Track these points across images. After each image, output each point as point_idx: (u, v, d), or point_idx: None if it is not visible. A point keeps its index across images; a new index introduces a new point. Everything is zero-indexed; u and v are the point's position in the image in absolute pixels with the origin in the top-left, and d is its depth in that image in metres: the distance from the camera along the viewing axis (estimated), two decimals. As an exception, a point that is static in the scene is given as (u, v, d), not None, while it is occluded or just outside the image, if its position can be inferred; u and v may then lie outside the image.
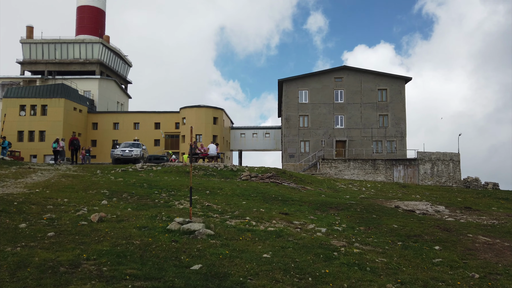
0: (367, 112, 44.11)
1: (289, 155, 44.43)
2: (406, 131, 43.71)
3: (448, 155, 38.80)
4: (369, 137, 43.78)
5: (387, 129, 43.72)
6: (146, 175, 15.59)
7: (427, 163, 38.39)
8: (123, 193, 10.44)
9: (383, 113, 44.04)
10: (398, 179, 38.14)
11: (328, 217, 9.49)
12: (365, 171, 38.44)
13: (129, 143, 25.52)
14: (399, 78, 44.51)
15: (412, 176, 38.24)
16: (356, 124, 43.99)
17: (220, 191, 12.10)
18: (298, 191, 13.97)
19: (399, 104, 44.01)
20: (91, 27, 63.37)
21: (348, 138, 43.78)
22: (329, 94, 44.58)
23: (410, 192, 18.20)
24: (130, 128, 54.60)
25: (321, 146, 43.71)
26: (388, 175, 38.27)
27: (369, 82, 44.46)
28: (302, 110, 44.62)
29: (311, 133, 44.30)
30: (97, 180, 12.89)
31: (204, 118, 52.08)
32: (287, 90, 45.03)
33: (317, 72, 45.54)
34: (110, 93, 62.03)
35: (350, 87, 44.50)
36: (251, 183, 14.54)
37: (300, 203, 11.20)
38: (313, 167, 41.49)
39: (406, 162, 38.58)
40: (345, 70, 44.89)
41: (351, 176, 37.97)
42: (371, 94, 44.26)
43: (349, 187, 18.31)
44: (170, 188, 11.85)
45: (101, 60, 60.25)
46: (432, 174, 38.21)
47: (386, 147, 43.45)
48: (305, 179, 18.16)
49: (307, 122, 44.52)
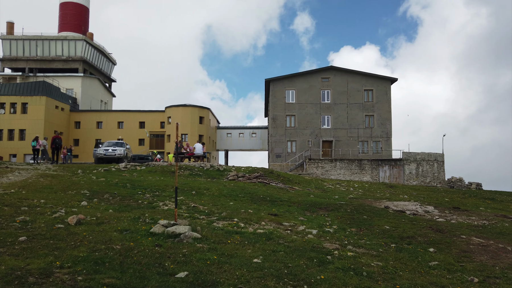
0: (353, 113, 44.22)
1: (276, 155, 44.21)
2: (391, 131, 43.98)
3: (433, 155, 39.16)
4: (355, 137, 43.89)
5: (373, 129, 43.90)
6: (129, 175, 15.07)
7: (412, 163, 38.66)
8: (105, 193, 9.95)
9: (369, 114, 44.21)
10: (384, 179, 38.30)
11: (318, 218, 9.21)
12: (351, 171, 38.49)
13: (113, 142, 24.84)
14: (385, 79, 44.76)
15: (397, 176, 38.46)
16: (343, 124, 44.06)
17: (207, 191, 11.70)
18: (287, 192, 13.67)
19: (385, 105, 44.24)
20: (74, 24, 61.95)
21: (335, 138, 43.80)
22: (316, 94, 44.53)
23: (398, 192, 18.12)
24: (114, 127, 53.57)
25: (307, 146, 43.62)
26: (374, 175, 38.40)
27: (355, 83, 44.58)
28: (289, 110, 44.46)
29: (298, 133, 44.16)
30: (78, 180, 12.34)
31: (190, 118, 51.46)
32: (274, 90, 44.80)
33: (304, 72, 45.46)
34: (93, 91, 60.77)
35: (336, 87, 44.54)
36: (238, 183, 14.17)
37: (289, 204, 10.90)
38: (299, 167, 41.35)
39: (392, 163, 38.78)
40: (332, 70, 44.92)
41: (337, 176, 37.96)
42: (357, 95, 44.39)
43: (337, 187, 18.12)
44: (154, 189, 11.40)
45: (85, 57, 58.96)
46: (417, 174, 38.50)
47: (372, 147, 43.63)
48: (293, 179, 17.89)
49: (294, 122, 44.38)
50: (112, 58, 69.13)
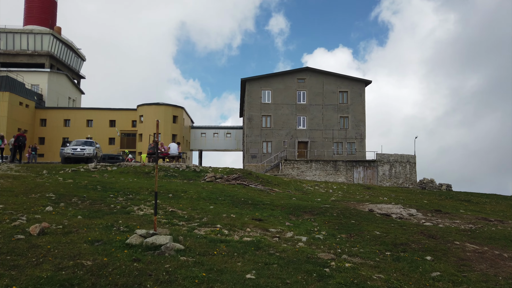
0: (328, 114, 44.37)
1: (251, 156, 43.71)
2: (365, 133, 44.45)
3: (405, 157, 39.82)
4: (330, 138, 44.06)
5: (348, 131, 44.21)
6: (100, 176, 14.10)
7: (385, 165, 39.15)
8: (73, 197, 9.08)
9: (343, 115, 44.49)
10: (358, 180, 38.59)
11: (305, 223, 8.74)
12: (327, 172, 38.54)
13: (81, 141, 23.55)
14: (359, 81, 45.17)
15: (371, 177, 38.84)
16: (318, 125, 44.12)
17: (184, 194, 11.00)
18: (267, 194, 13.15)
19: (359, 107, 44.66)
20: (40, 18, 59.12)
21: (310, 139, 43.80)
22: (291, 95, 44.38)
23: (376, 194, 18.01)
24: (82, 125, 51.45)
25: (283, 147, 43.39)
26: (348, 176, 38.60)
27: (330, 84, 44.75)
28: (265, 110, 44.08)
29: (273, 134, 43.85)
30: (43, 181, 11.33)
31: (163, 117, 50.15)
32: (250, 90, 44.30)
33: (280, 72, 45.22)
34: (60, 87, 58.19)
35: (312, 88, 44.57)
36: (217, 185, 13.53)
37: (272, 207, 10.38)
38: (275, 168, 41.04)
39: (366, 164, 39.12)
40: (307, 71, 44.91)
41: (313, 177, 37.91)
42: (332, 96, 44.58)
43: (316, 189, 17.81)
44: (127, 191, 10.59)
45: (52, 52, 56.37)
46: (390, 175, 39.02)
47: (347, 148, 43.92)
48: (272, 181, 17.42)
49: (270, 123, 44.04)
50: (81, 54, 66.56)
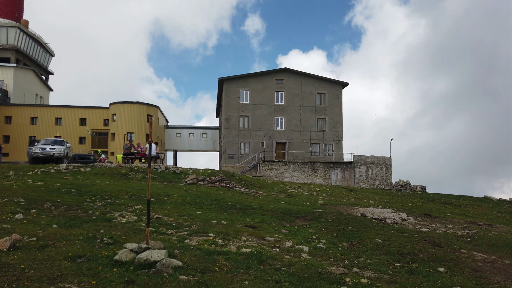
0: (306, 115, 44.27)
1: (229, 157, 42.99)
2: (342, 135, 44.67)
3: (382, 159, 40.22)
4: (308, 139, 43.97)
5: (325, 132, 44.27)
6: (73, 178, 13.07)
7: (362, 166, 39.39)
8: (45, 202, 8.15)
9: (321, 117, 44.52)
10: (336, 181, 38.63)
11: (301, 230, 8.21)
12: (305, 173, 38.36)
13: (51, 140, 22.14)
14: (337, 83, 45.34)
15: (348, 179, 38.98)
16: (296, 126, 43.94)
17: (168, 198, 10.22)
18: (254, 197, 12.54)
19: (336, 108, 44.82)
20: (6, 10, 56.09)
21: (288, 140, 43.54)
22: (270, 95, 43.99)
23: (361, 197, 17.78)
24: (51, 123, 49.16)
25: (261, 148, 42.93)
26: (326, 177, 38.58)
27: (308, 86, 44.70)
28: (242, 110, 43.46)
29: (251, 134, 43.31)
30: (10, 184, 10.27)
31: (136, 115, 48.70)
32: (227, 90, 43.58)
33: (258, 72, 44.78)
34: (27, 84, 55.40)
35: (290, 89, 44.36)
36: (200, 188, 12.79)
37: (262, 212, 9.80)
38: (253, 169, 40.50)
39: (343, 165, 39.22)
40: (286, 72, 44.67)
41: (291, 178, 37.62)
42: (310, 98, 44.53)
43: (300, 191, 17.36)
44: (105, 195, 9.71)
45: (18, 46, 53.60)
46: (367, 177, 39.29)
47: (324, 150, 43.97)
48: (255, 183, 16.82)
49: (248, 123, 43.47)
50: (49, 49, 63.71)
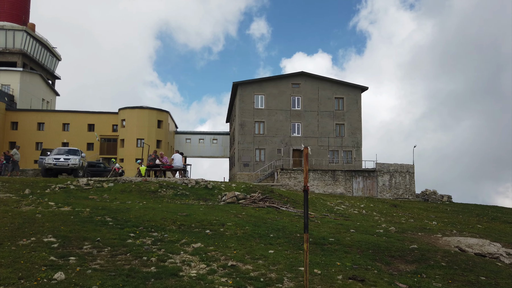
0: (324, 121, 42.60)
1: (243, 164, 41.28)
2: (362, 141, 42.91)
3: (405, 166, 38.38)
4: (326, 146, 42.24)
5: (344, 138, 42.55)
6: (99, 197, 11.37)
7: (385, 175, 37.57)
8: (82, 241, 6.41)
9: (339, 122, 42.83)
10: (357, 191, 36.83)
11: (426, 286, 6.29)
12: (325, 182, 36.58)
13: (64, 149, 20.49)
14: (355, 87, 43.68)
15: (371, 188, 37.17)
16: (313, 132, 42.25)
17: (224, 228, 8.38)
18: (316, 223, 10.71)
19: (355, 114, 43.14)
20: (12, 14, 54.81)
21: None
22: (286, 100, 42.38)
23: (416, 215, 15.88)
24: (58, 129, 47.65)
25: (277, 155, 41.22)
26: (347, 186, 36.79)
27: (326, 90, 43.07)
28: (257, 116, 41.83)
29: (267, 141, 41.63)
30: (31, 211, 8.55)
31: (147, 121, 47.10)
32: (242, 94, 41.97)
33: (274, 76, 43.17)
34: (34, 88, 53.97)
35: (307, 94, 42.72)
36: (247, 210, 11.02)
37: (344, 249, 7.86)
38: (269, 177, 38.77)
39: (365, 174, 37.41)
40: (302, 76, 43.07)
41: (310, 187, 35.83)
42: (328, 102, 42.88)
43: (345, 209, 15.54)
44: (148, 226, 7.96)
45: (25, 50, 52.23)
46: (390, 186, 37.46)
47: (343, 157, 42.22)
48: (296, 199, 15.03)
49: (263, 129, 41.82)
50: (56, 53, 62.36)
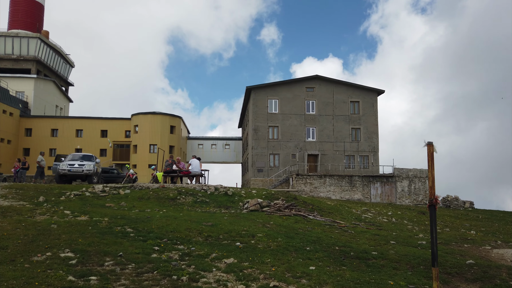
0: (339, 125, 41.71)
1: (258, 169, 40.56)
2: (378, 146, 41.86)
3: (424, 172, 37.18)
4: (341, 151, 41.31)
5: (360, 143, 41.57)
6: (116, 205, 10.76)
7: (404, 180, 36.44)
8: (103, 255, 5.74)
9: (355, 127, 41.89)
10: (376, 197, 35.77)
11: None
12: (342, 188, 35.59)
13: (79, 155, 20.08)
14: (371, 90, 42.76)
15: (389, 194, 36.06)
16: (328, 137, 41.37)
17: (254, 240, 7.60)
18: (345, 232, 9.92)
19: (371, 118, 42.17)
20: (26, 22, 55.32)
21: (320, 152, 40.95)
22: (300, 104, 41.63)
23: (446, 223, 14.98)
24: (71, 135, 47.62)
25: (292, 160, 40.42)
26: (365, 192, 35.74)
27: (341, 94, 42.22)
28: (271, 120, 41.14)
29: (281, 146, 40.87)
30: (46, 221, 7.95)
31: (159, 127, 46.78)
32: (255, 99, 41.35)
33: (288, 80, 42.50)
34: (48, 95, 54.20)
35: (322, 98, 41.93)
36: (275, 219, 10.27)
37: (392, 264, 6.94)
38: (284, 183, 37.96)
39: (384, 179, 36.31)
40: (317, 79, 42.31)
41: (327, 193, 34.91)
42: (343, 106, 42.01)
43: (372, 216, 14.67)
44: (172, 237, 7.27)
45: (38, 57, 52.52)
46: (409, 192, 36.30)
47: (359, 162, 41.22)
48: (321, 206, 14.18)
49: (277, 134, 41.09)
50: (69, 60, 62.73)
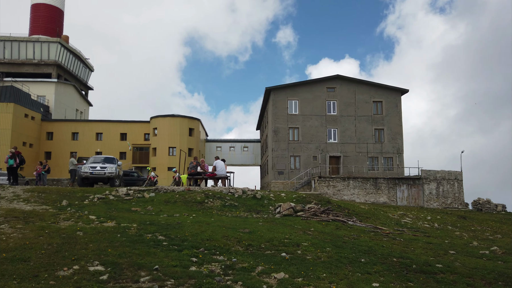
0: (361, 126, 40.57)
1: (278, 172, 39.76)
2: (403, 147, 40.53)
3: (453, 173, 35.75)
4: (364, 153, 40.15)
5: (383, 144, 40.33)
6: (142, 208, 10.16)
7: (432, 183, 35.06)
8: (137, 269, 5.05)
9: (378, 127, 40.68)
10: (402, 200, 34.49)
11: None
12: (366, 190, 34.46)
13: (100, 158, 19.68)
14: (395, 90, 41.51)
15: (416, 197, 34.73)
16: (351, 138, 40.27)
17: (299, 249, 6.86)
18: (399, 242, 8.96)
19: (395, 118, 40.91)
20: (47, 27, 55.97)
21: (342, 154, 39.87)
22: (321, 105, 40.69)
23: (494, 229, 13.89)
24: (91, 139, 47.72)
25: (313, 162, 39.47)
26: (391, 195, 34.51)
27: (363, 94, 41.11)
28: (291, 122, 40.32)
29: (302, 148, 39.99)
30: (71, 227, 7.37)
31: (178, 129, 46.43)
32: (275, 100, 40.62)
33: (308, 80, 41.66)
34: (68, 99, 54.65)
35: (343, 98, 40.90)
36: (313, 225, 9.47)
37: (464, 280, 5.70)
38: (306, 186, 37.06)
39: (410, 182, 35.02)
40: (338, 79, 41.32)
41: (351, 196, 33.83)
42: (365, 106, 40.88)
43: (410, 221, 13.73)
44: (209, 246, 6.55)
45: (59, 61, 52.99)
46: (437, 194, 34.91)
47: (383, 164, 39.96)
48: (357, 211, 13.34)
49: (298, 135, 40.23)
50: (89, 64, 63.24)
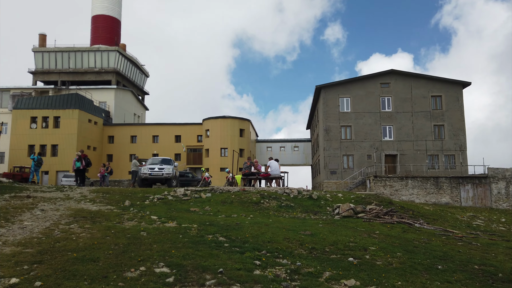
0: (419, 122, 38.51)
1: (330, 171, 38.89)
2: (466, 144, 37.91)
3: (525, 171, 32.75)
4: (423, 150, 38.07)
5: (444, 141, 37.99)
6: (200, 209, 10.29)
7: (500, 182, 32.37)
8: (201, 272, 5.00)
9: (438, 123, 38.38)
10: (467, 200, 32.21)
11: None
12: (426, 190, 32.59)
13: (158, 159, 20.39)
14: (455, 83, 38.96)
15: (483, 197, 32.26)
16: (407, 135, 38.37)
17: (367, 254, 6.46)
18: (477, 247, 8.22)
19: (456, 113, 38.37)
20: (106, 37, 59.45)
21: (399, 152, 38.11)
22: (374, 101, 39.20)
23: None
24: (148, 141, 49.87)
25: (367, 161, 38.13)
26: (454, 195, 32.36)
27: (420, 88, 39.01)
28: (343, 120, 39.24)
29: (354, 146, 38.79)
30: (134, 227, 7.59)
31: (229, 130, 47.09)
32: (326, 98, 39.77)
33: (360, 77, 40.33)
34: (126, 104, 57.58)
35: (398, 93, 39.09)
36: (377, 228, 8.98)
37: None
38: (360, 186, 35.85)
39: (476, 181, 32.60)
40: (392, 74, 39.57)
41: (409, 197, 32.19)
42: (423, 102, 38.76)
43: (482, 223, 12.69)
44: (271, 248, 6.41)
45: (117, 69, 56.00)
46: (507, 194, 32.16)
47: (444, 162, 37.65)
48: (422, 212, 12.55)
49: (350, 134, 39.07)
50: (144, 70, 66.23)
